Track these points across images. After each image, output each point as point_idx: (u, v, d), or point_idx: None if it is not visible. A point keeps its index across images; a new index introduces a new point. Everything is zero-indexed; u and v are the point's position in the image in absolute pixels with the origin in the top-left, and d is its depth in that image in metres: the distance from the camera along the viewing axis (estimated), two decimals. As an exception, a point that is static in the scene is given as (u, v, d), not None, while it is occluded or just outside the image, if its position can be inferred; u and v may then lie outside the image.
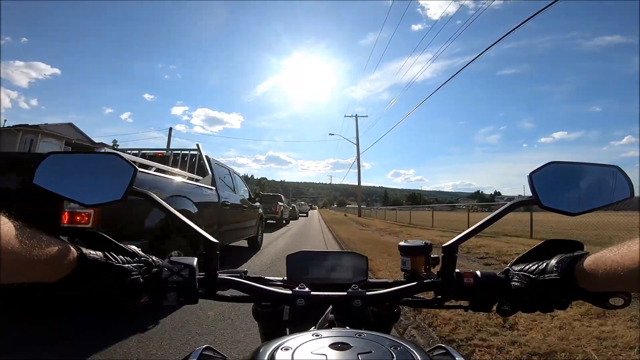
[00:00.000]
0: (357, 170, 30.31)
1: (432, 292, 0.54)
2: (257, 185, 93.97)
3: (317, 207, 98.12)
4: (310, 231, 11.77)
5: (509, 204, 0.53)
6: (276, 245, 6.99)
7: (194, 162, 4.36)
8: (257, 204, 6.09)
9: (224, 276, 0.53)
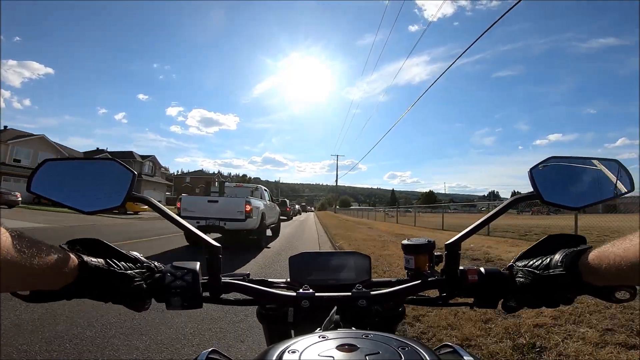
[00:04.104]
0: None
1: (437, 290, 0.58)
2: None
3: (313, 210, 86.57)
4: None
5: (510, 200, 0.57)
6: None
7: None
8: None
9: (227, 280, 0.56)
